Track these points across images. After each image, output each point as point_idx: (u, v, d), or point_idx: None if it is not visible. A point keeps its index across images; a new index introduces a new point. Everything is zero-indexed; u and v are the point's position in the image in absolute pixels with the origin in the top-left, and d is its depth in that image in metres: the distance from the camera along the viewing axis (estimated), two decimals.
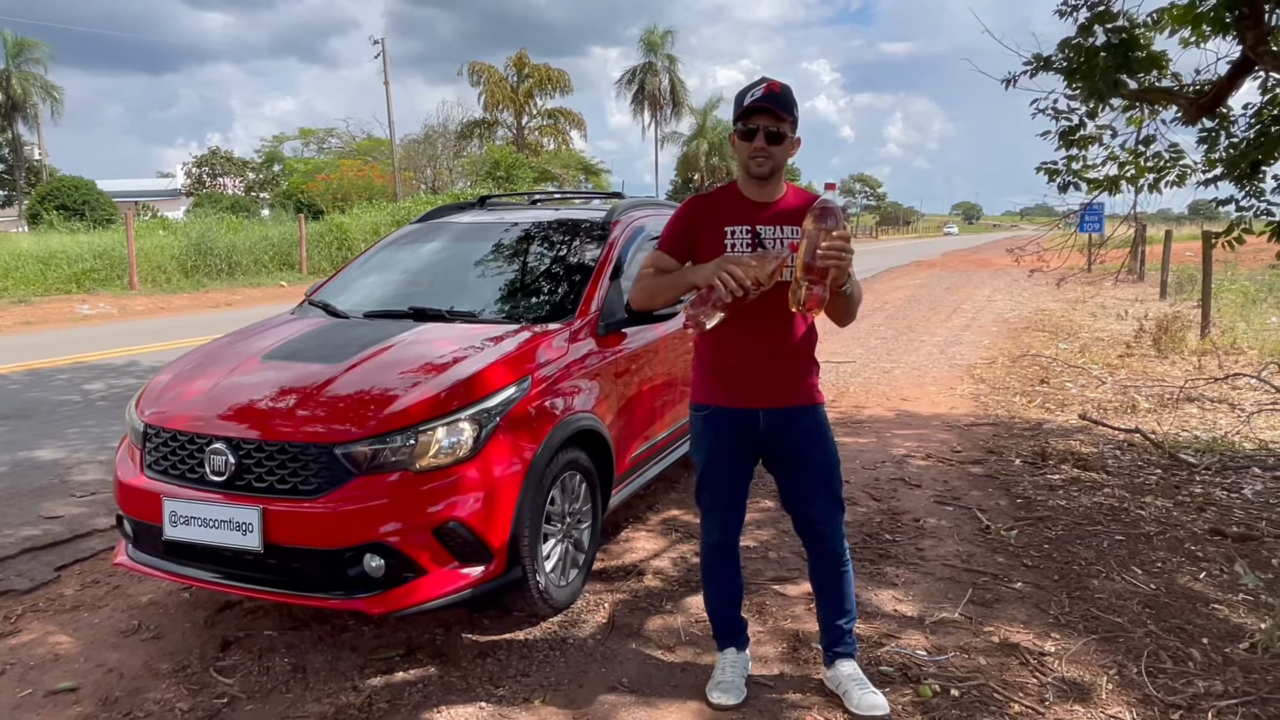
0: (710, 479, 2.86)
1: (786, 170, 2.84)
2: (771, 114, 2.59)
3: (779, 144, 2.63)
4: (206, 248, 20.37)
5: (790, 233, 2.66)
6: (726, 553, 2.95)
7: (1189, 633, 3.31)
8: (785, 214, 2.71)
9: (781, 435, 2.77)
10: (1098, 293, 17.79)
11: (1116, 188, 5.74)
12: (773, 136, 2.61)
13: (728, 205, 2.75)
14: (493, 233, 4.66)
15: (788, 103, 2.60)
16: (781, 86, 2.61)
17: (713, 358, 2.80)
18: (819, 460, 2.80)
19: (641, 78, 53.95)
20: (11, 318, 14.00)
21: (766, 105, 2.58)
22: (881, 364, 9.74)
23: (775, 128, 2.60)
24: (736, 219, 2.70)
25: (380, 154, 39.86)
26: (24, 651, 3.29)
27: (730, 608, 3.01)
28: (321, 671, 3.12)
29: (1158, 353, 9.86)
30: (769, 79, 2.63)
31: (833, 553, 2.87)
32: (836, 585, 2.90)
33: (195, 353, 3.87)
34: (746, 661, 3.02)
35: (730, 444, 2.80)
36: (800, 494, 2.85)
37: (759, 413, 2.74)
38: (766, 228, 2.68)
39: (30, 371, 9.04)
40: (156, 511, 3.16)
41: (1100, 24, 4.63)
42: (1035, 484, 5.22)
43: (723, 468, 2.84)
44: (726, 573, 2.97)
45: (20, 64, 43.51)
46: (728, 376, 2.75)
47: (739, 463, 2.84)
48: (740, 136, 2.65)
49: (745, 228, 2.69)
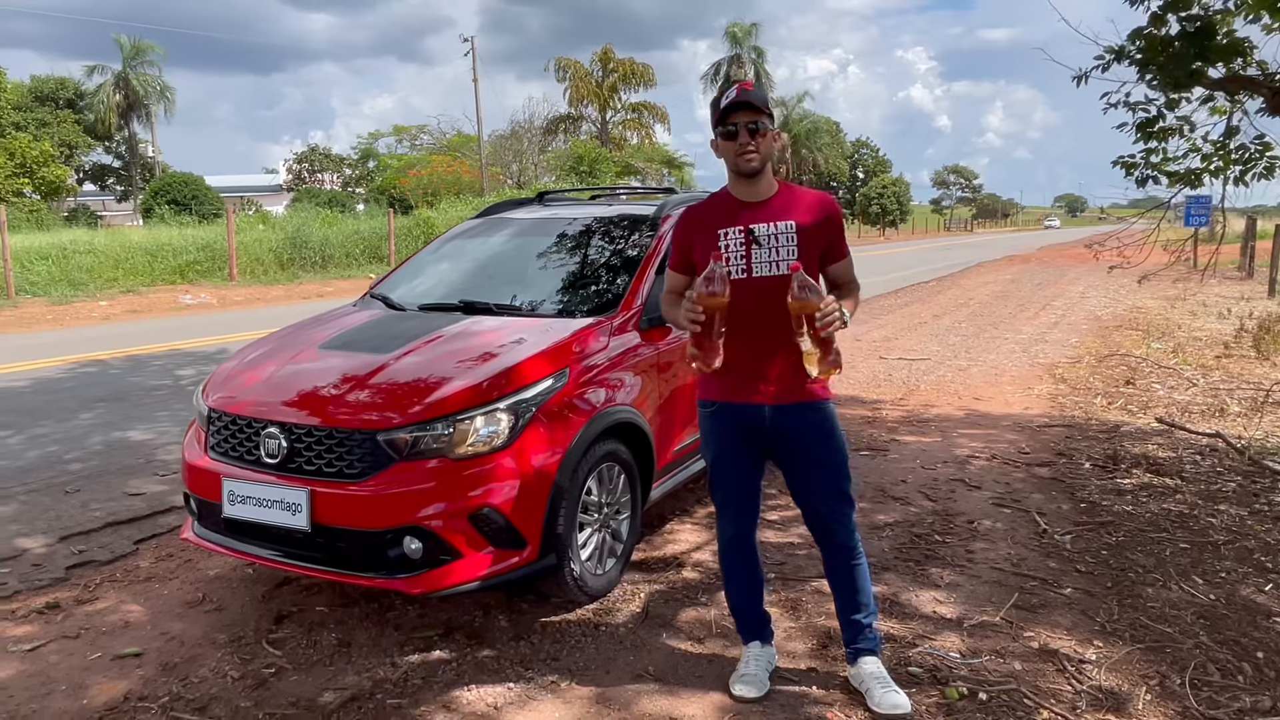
0: (720, 474, 2.90)
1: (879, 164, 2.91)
2: (748, 109, 2.66)
3: (761, 137, 2.68)
4: (301, 241, 21.20)
5: (784, 228, 2.70)
6: (742, 547, 2.97)
7: (1244, 646, 3.17)
8: (778, 210, 2.74)
9: (787, 431, 2.78)
10: (1200, 289, 16.93)
11: (1199, 181, 5.47)
12: (754, 130, 2.67)
13: (720, 209, 2.80)
14: (546, 228, 4.76)
15: (760, 98, 2.68)
16: (752, 85, 2.71)
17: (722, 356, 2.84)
18: (825, 457, 2.80)
19: (727, 70, 53.64)
20: (120, 306, 14.91)
21: (743, 102, 2.65)
22: (958, 361, 9.50)
23: (755, 122, 2.66)
24: (729, 221, 2.75)
25: (469, 150, 40.75)
26: (98, 618, 3.55)
27: (750, 602, 3.03)
28: (364, 647, 3.27)
29: (1258, 354, 9.35)
30: (738, 80, 2.76)
31: (843, 547, 2.88)
32: (850, 580, 2.90)
33: (261, 341, 4.08)
34: (771, 656, 3.03)
35: (737, 439, 2.84)
36: (807, 490, 2.87)
37: (764, 408, 2.76)
38: (760, 225, 2.71)
39: (130, 357, 9.62)
40: (217, 490, 3.36)
41: (1173, 12, 4.41)
42: (1102, 488, 5.04)
43: (731, 463, 2.87)
44: (744, 567, 2.99)
45: (137, 66, 46.00)
46: (733, 372, 2.75)
47: (747, 458, 2.86)
48: (723, 138, 2.71)
49: (738, 228, 2.73)
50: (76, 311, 14.26)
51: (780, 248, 2.69)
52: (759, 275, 2.69)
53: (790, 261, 2.65)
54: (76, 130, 42.23)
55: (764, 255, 2.69)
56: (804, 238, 2.70)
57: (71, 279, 16.52)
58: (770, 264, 2.69)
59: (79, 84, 44.61)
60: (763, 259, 2.69)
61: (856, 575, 2.90)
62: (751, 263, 2.70)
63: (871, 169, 72.74)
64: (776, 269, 2.68)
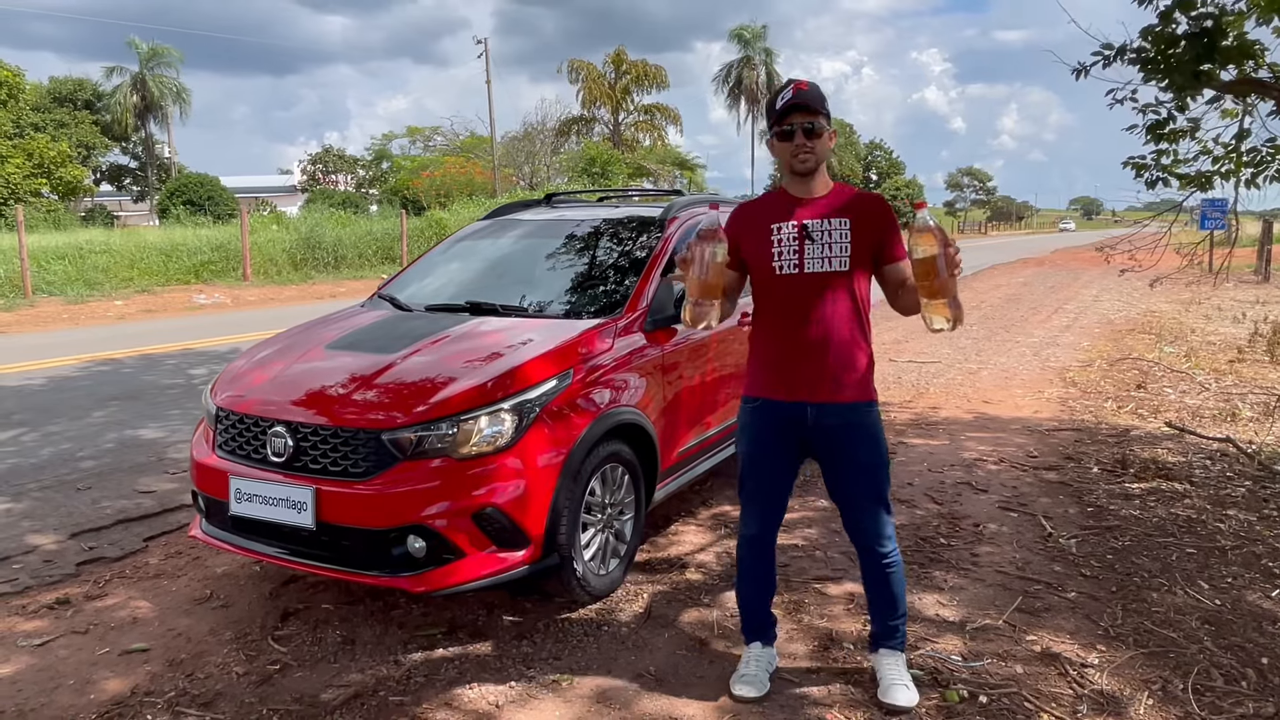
0: (751, 470, 2.90)
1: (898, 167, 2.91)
2: (804, 110, 2.68)
3: (817, 138, 2.70)
4: (315, 242, 21.35)
5: (838, 224, 2.70)
6: (762, 547, 2.97)
7: (1248, 651, 3.15)
8: (831, 207, 2.74)
9: (829, 431, 2.77)
10: (1215, 293, 16.80)
11: (1210, 184, 5.44)
12: (809, 132, 2.69)
13: (774, 206, 2.82)
14: (553, 229, 4.78)
15: (817, 98, 2.70)
16: (809, 84, 2.71)
17: (764, 350, 2.85)
18: (865, 461, 2.79)
19: (739, 72, 53.62)
20: (135, 306, 15.04)
21: (799, 103, 2.67)
22: (968, 364, 9.47)
23: (811, 123, 2.68)
24: (782, 216, 2.76)
25: (482, 151, 40.86)
26: (107, 614, 3.59)
27: (760, 603, 3.03)
28: (368, 644, 3.29)
29: (1271, 359, 9.28)
30: (795, 80, 2.73)
31: (879, 552, 2.86)
32: (886, 585, 2.89)
33: (270, 341, 4.12)
34: (772, 656, 3.04)
35: (774, 437, 2.83)
36: (845, 493, 2.85)
37: (806, 406, 2.75)
38: (813, 221, 2.72)
39: (144, 356, 9.71)
40: (224, 489, 3.39)
41: (1182, 11, 4.39)
42: (1110, 492, 5.02)
43: (764, 460, 2.86)
44: (760, 568, 2.99)
45: (153, 68, 46.37)
46: (777, 369, 2.78)
47: (782, 457, 2.85)
48: (779, 139, 2.73)
49: (791, 223, 2.74)
50: (92, 311, 14.39)
51: (833, 244, 2.69)
52: (811, 270, 2.70)
53: (843, 258, 2.68)
54: (94, 131, 42.58)
55: (816, 251, 2.70)
56: (857, 235, 2.70)
57: (87, 279, 16.68)
58: (822, 259, 2.70)
59: (97, 85, 45.00)
60: (815, 254, 2.70)
61: (892, 582, 2.89)
62: (804, 258, 2.71)
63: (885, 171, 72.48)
64: (828, 264, 2.69)
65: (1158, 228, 6.37)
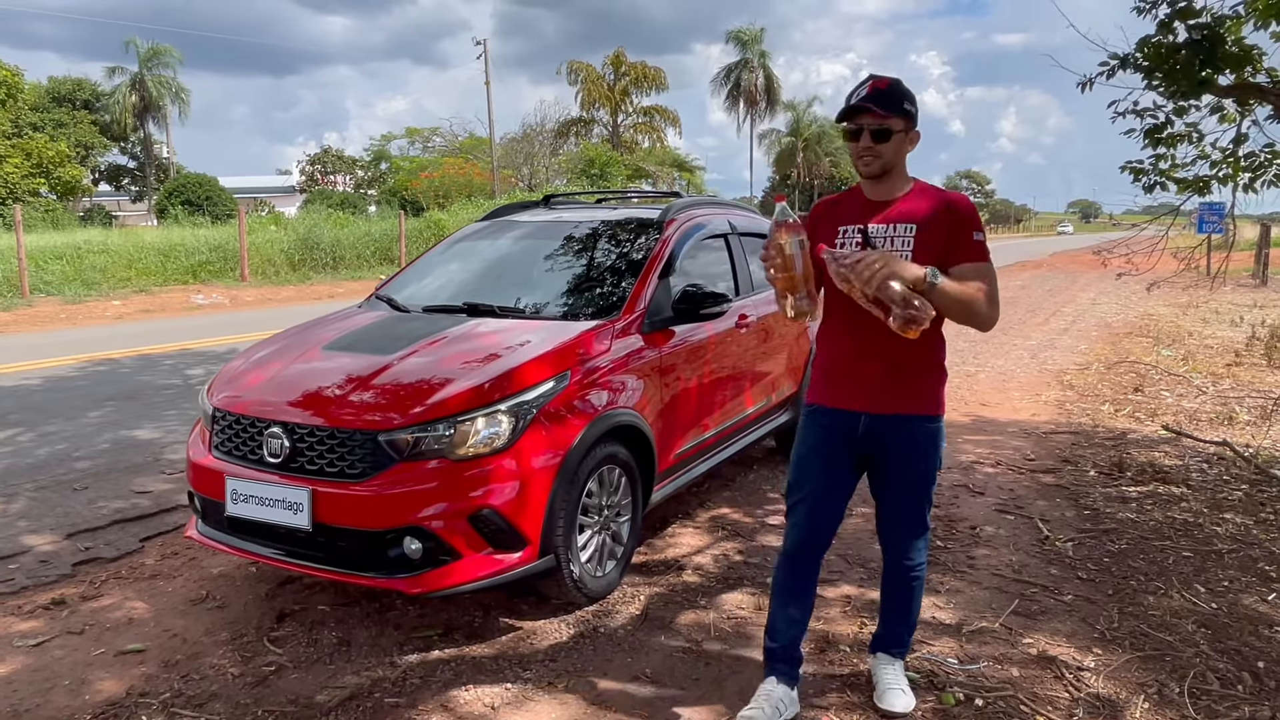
0: (800, 474, 2.76)
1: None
2: (874, 112, 2.51)
3: (885, 142, 2.53)
4: (313, 242, 21.32)
5: (903, 230, 2.55)
6: (800, 565, 2.78)
7: (1244, 655, 3.16)
8: (901, 212, 2.58)
9: (882, 442, 2.65)
10: (1212, 297, 16.82)
11: (1207, 189, 5.44)
12: (877, 135, 2.52)
13: (849, 205, 2.70)
14: (551, 231, 4.78)
15: (892, 99, 2.52)
16: (889, 83, 2.54)
17: (824, 357, 2.77)
18: (912, 476, 2.70)
19: (738, 74, 53.65)
20: (132, 306, 15.02)
21: (867, 104, 2.51)
22: (966, 367, 9.47)
23: (878, 125, 2.52)
24: (851, 218, 2.65)
25: (481, 152, 40.85)
26: (103, 614, 3.58)
27: (789, 631, 2.79)
28: (364, 646, 3.29)
29: (1269, 363, 9.29)
30: (876, 76, 2.56)
31: (906, 565, 2.81)
32: (905, 596, 2.86)
33: (267, 342, 4.11)
34: (792, 700, 2.77)
35: (826, 444, 2.71)
36: (887, 502, 2.78)
37: (860, 416, 2.64)
38: (876, 226, 2.58)
39: (141, 356, 9.70)
40: (221, 489, 3.39)
41: (1181, 20, 4.39)
42: (1107, 496, 5.03)
43: (814, 467, 2.72)
44: (795, 588, 2.79)
45: (153, 68, 46.35)
46: (835, 376, 2.70)
47: (833, 466, 2.71)
48: (846, 137, 2.60)
49: (856, 227, 2.61)
50: (89, 311, 14.38)
51: (895, 250, 2.51)
52: None
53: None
54: (93, 131, 42.55)
55: None
56: (922, 240, 2.52)
57: (85, 279, 16.65)
58: None
59: (96, 85, 44.97)
60: None
61: (913, 594, 2.86)
62: None
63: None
64: None
65: (1155, 231, 6.38)
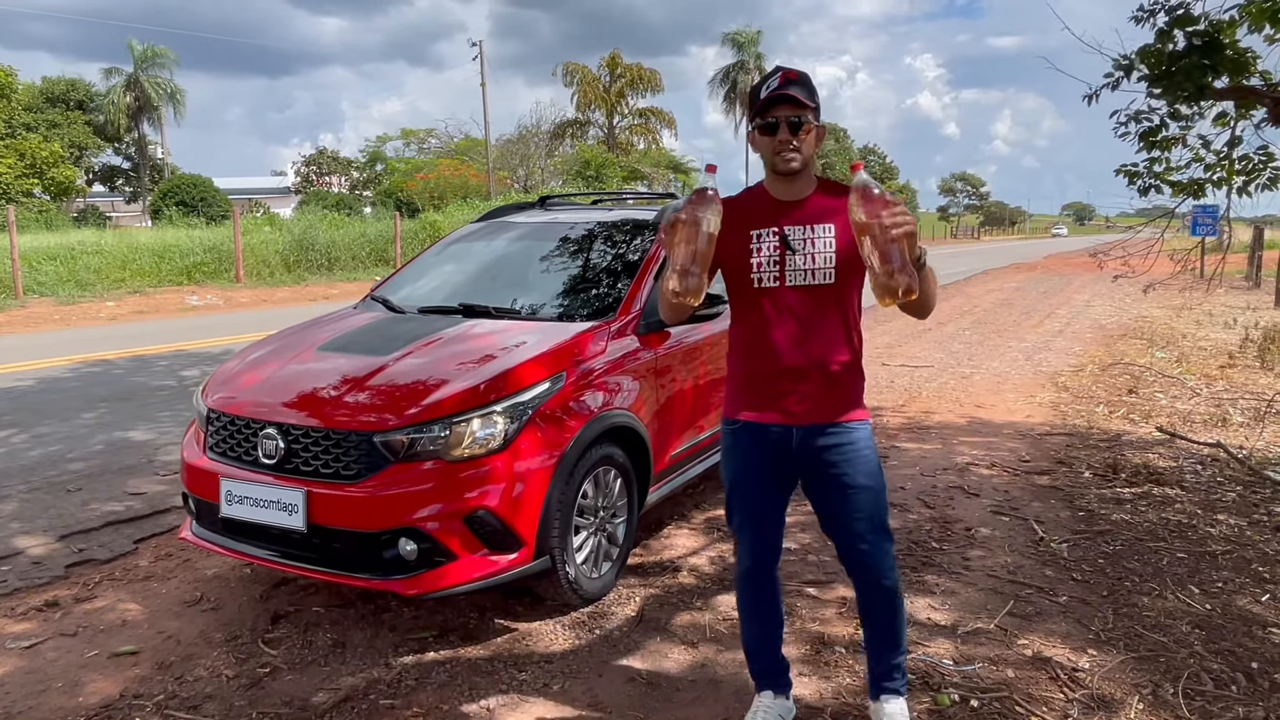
0: (738, 500, 2.61)
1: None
2: (792, 103, 2.35)
3: (805, 134, 2.38)
4: (308, 243, 21.29)
5: (822, 231, 2.40)
6: (760, 582, 2.67)
7: (1238, 656, 3.16)
8: (816, 212, 2.43)
9: (817, 456, 2.48)
10: (1206, 299, 16.87)
11: (1202, 191, 5.47)
12: (795, 127, 2.36)
13: (754, 208, 2.48)
14: (546, 232, 4.78)
15: (808, 89, 2.38)
16: (799, 74, 2.39)
17: (743, 367, 2.55)
18: (861, 484, 2.48)
19: (734, 76, 53.72)
20: (127, 307, 14.98)
21: (786, 95, 2.34)
22: (961, 369, 9.49)
23: (798, 117, 2.36)
24: (763, 221, 2.45)
25: (476, 154, 40.85)
26: (96, 616, 3.57)
27: (766, 644, 2.73)
28: (359, 648, 3.28)
29: (1262, 364, 9.32)
30: (784, 68, 2.40)
31: (880, 585, 2.57)
32: (887, 620, 2.62)
33: (262, 343, 4.10)
34: (788, 710, 2.74)
35: (760, 462, 2.54)
36: (842, 522, 2.54)
37: (792, 430, 2.48)
38: (794, 228, 2.41)
39: (135, 358, 9.67)
40: (215, 490, 3.38)
41: (1180, 28, 4.41)
42: (1101, 497, 5.04)
43: (751, 488, 2.58)
44: (761, 604, 2.69)
45: (149, 69, 46.25)
46: (758, 388, 2.51)
47: (770, 484, 2.56)
48: (761, 132, 2.40)
49: (772, 230, 2.43)
50: (83, 312, 14.33)
51: (816, 254, 2.40)
52: (793, 285, 2.41)
53: (828, 270, 2.39)
54: (86, 132, 42.44)
55: (798, 263, 2.40)
56: (844, 242, 2.39)
57: (79, 279, 16.60)
58: (805, 272, 2.40)
59: (90, 86, 44.87)
60: (796, 266, 2.40)
61: (894, 616, 2.61)
62: (785, 270, 2.41)
63: (878, 176, 72.78)
64: (812, 278, 2.40)
65: (1150, 233, 6.40)
